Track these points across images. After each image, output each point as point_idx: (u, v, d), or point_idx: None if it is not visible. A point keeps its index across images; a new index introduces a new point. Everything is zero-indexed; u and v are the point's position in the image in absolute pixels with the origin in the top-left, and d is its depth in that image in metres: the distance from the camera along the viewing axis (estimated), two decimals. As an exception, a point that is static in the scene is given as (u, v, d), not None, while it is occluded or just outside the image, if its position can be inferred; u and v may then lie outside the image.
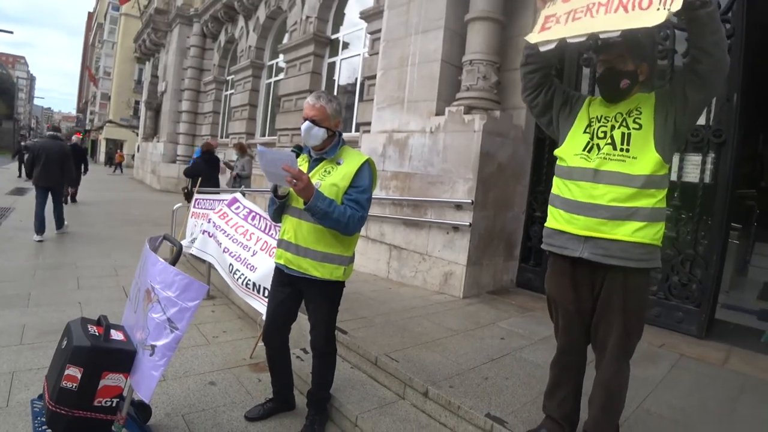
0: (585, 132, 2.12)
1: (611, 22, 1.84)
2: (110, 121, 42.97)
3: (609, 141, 2.03)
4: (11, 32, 28.29)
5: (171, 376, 3.28)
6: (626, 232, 1.94)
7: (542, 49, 2.08)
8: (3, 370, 3.24)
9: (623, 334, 2.03)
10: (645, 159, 1.94)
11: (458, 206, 5.00)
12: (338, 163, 2.52)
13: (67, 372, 2.09)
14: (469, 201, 4.87)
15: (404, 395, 3.02)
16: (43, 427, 2.16)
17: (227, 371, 3.51)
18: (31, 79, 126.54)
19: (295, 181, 2.23)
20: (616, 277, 2.01)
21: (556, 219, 2.16)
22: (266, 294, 3.57)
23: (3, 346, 3.61)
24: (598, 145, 2.05)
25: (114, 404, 2.23)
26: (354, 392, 3.04)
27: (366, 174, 2.50)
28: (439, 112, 5.46)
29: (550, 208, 2.22)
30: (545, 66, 2.27)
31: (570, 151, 2.15)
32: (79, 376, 2.10)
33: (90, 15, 78.11)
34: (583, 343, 2.22)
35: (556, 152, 2.23)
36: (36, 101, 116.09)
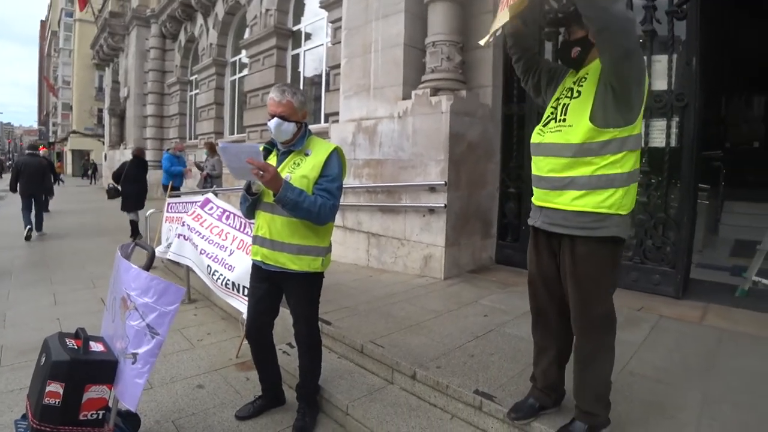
0: (551, 106, 2.16)
1: (496, 22, 2.09)
2: (74, 132, 41.82)
3: (553, 114, 2.09)
4: (-39, 47, 27.28)
5: (158, 383, 3.25)
6: (565, 201, 2.00)
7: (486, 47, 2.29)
8: (-17, 394, 3.16)
9: (579, 302, 2.05)
10: (578, 128, 1.95)
11: (432, 188, 5.01)
12: (306, 154, 2.51)
13: (48, 389, 2.06)
14: (443, 182, 4.89)
15: (392, 380, 3.05)
16: None
17: (214, 373, 3.49)
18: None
19: (261, 172, 2.21)
20: (565, 244, 2.06)
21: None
22: (246, 293, 3.54)
23: (-19, 370, 3.52)
24: (551, 118, 2.11)
25: (100, 416, 2.21)
26: (342, 382, 3.05)
27: (335, 163, 2.49)
28: (406, 97, 5.44)
29: None
30: (526, 52, 2.32)
31: (535, 127, 2.20)
32: (61, 391, 2.08)
33: (43, 23, 75.72)
34: (553, 311, 2.24)
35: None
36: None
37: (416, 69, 5.60)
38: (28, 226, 9.31)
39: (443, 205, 4.89)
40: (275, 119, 2.43)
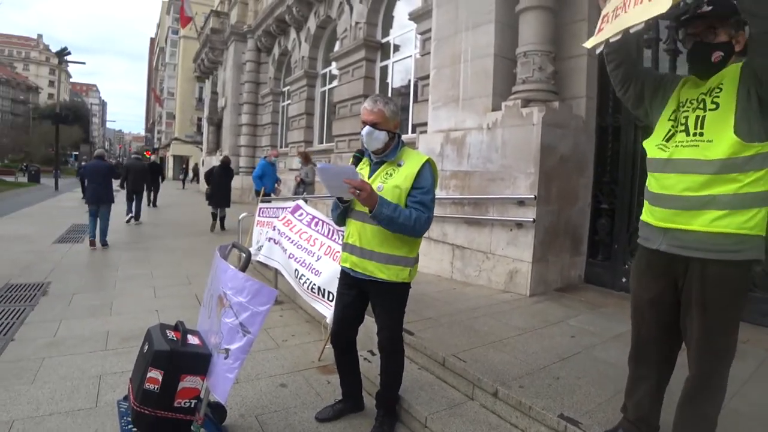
0: (669, 119, 2.01)
1: (637, 15, 1.80)
2: (176, 139, 45.14)
3: (683, 127, 1.92)
4: (84, 63, 30.45)
5: (244, 379, 3.39)
6: (703, 222, 1.81)
7: (596, 51, 2.07)
8: (91, 373, 3.49)
9: (702, 332, 1.88)
10: (721, 142, 1.78)
11: (521, 202, 4.88)
12: (399, 165, 2.53)
13: (149, 374, 2.20)
14: (532, 196, 4.74)
15: (473, 396, 2.98)
16: (130, 426, 2.28)
17: (297, 373, 3.59)
18: (103, 105, 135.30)
19: (358, 191, 2.26)
20: (694, 269, 1.88)
21: (644, 210, 2.09)
22: (331, 298, 3.63)
23: (90, 352, 3.89)
24: (676, 132, 1.95)
25: (192, 405, 2.32)
26: (422, 393, 3.03)
27: (428, 174, 2.49)
28: (496, 108, 5.35)
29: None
30: (626, 59, 2.17)
31: (652, 141, 2.05)
32: (160, 378, 2.21)
33: (152, 41, 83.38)
34: (658, 339, 2.09)
35: (644, 143, 2.14)
36: (108, 124, 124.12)
37: (506, 80, 5.50)
38: (130, 215, 12.14)
39: (532, 219, 4.74)
40: (366, 127, 2.48)
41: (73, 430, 2.74)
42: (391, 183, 2.46)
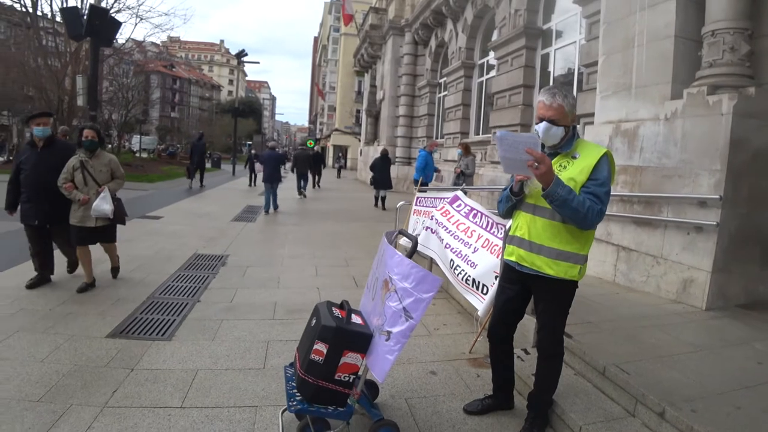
0: None
1: None
2: (336, 130, 48.13)
3: None
4: (258, 62, 34.28)
5: (395, 362, 3.52)
6: None
7: None
8: (260, 338, 3.93)
9: None
10: None
11: (702, 203, 4.32)
12: (574, 157, 2.42)
13: (315, 347, 2.39)
14: (716, 197, 4.17)
15: (635, 413, 2.75)
16: (294, 391, 2.50)
17: (447, 363, 3.63)
18: (273, 99, 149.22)
19: (536, 164, 2.18)
20: None
21: None
22: (485, 291, 3.60)
23: (260, 319, 4.37)
24: None
25: (350, 380, 2.47)
26: (577, 401, 2.88)
27: (605, 167, 2.35)
28: (675, 96, 4.79)
29: None
30: None
31: None
32: (325, 351, 2.39)
33: (315, 39, 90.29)
34: None
35: None
36: (277, 117, 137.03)
37: (688, 64, 4.88)
38: (302, 191, 16.13)
39: (715, 223, 4.18)
40: (544, 123, 2.39)
41: (245, 386, 3.12)
42: (566, 175, 2.34)
